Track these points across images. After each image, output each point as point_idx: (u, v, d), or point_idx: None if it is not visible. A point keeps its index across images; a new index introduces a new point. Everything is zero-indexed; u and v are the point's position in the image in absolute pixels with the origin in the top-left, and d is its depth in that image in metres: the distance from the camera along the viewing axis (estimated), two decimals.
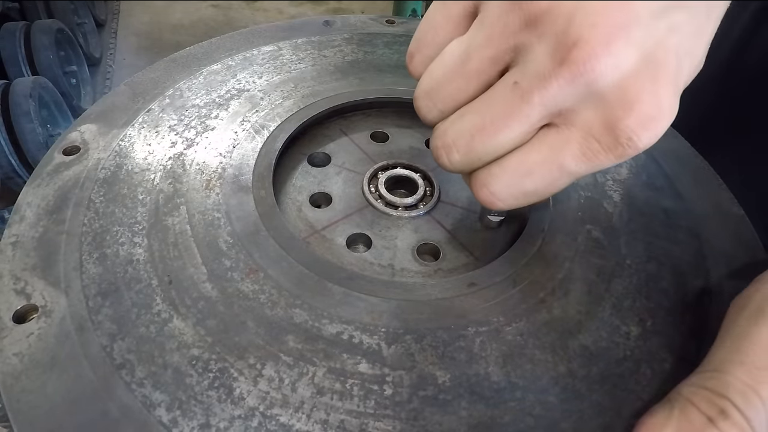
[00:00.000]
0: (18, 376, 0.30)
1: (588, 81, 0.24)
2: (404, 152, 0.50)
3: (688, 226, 0.43)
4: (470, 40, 0.28)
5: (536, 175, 0.28)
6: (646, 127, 0.25)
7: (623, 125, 0.25)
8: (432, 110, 0.31)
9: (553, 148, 0.27)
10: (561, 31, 0.24)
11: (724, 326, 0.29)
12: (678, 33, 0.25)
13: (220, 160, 0.44)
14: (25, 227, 0.38)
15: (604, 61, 0.24)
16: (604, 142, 0.26)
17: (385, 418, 0.30)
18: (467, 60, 0.28)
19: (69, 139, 0.44)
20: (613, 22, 0.23)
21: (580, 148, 0.26)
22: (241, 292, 0.35)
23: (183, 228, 0.38)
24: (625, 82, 0.24)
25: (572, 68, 0.24)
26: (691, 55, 0.26)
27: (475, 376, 0.32)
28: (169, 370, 0.31)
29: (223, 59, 0.55)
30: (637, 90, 0.24)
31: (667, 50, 0.24)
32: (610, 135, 0.25)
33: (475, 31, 0.28)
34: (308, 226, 0.43)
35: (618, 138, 0.25)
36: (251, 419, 0.29)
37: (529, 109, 0.26)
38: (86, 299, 0.34)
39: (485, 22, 0.27)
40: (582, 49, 0.24)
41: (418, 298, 0.36)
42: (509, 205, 0.31)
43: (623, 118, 0.25)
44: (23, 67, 1.80)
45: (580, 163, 0.27)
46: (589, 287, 0.37)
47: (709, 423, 0.25)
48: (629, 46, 0.24)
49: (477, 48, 0.28)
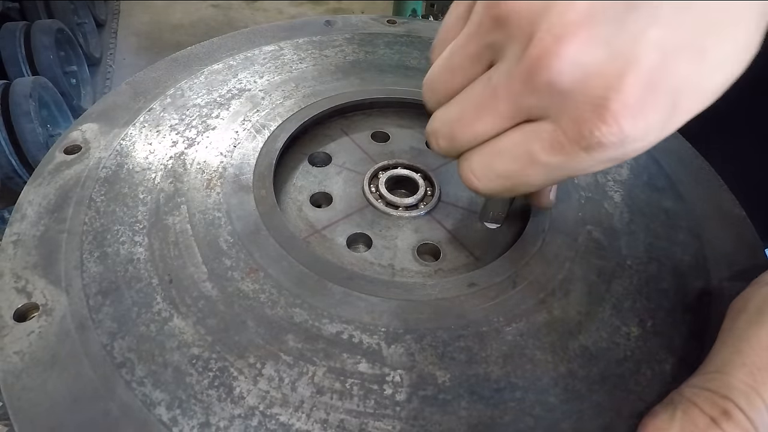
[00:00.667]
0: (19, 374, 0.30)
1: (546, 79, 0.24)
2: (405, 152, 0.50)
3: (689, 226, 0.43)
4: (458, 37, 0.30)
5: (505, 156, 0.29)
6: (606, 123, 0.24)
7: (587, 118, 0.24)
8: (430, 99, 0.33)
9: (525, 135, 0.28)
10: (524, 29, 0.25)
11: (724, 328, 0.29)
12: (661, 24, 0.23)
13: (221, 160, 0.44)
14: (26, 226, 0.38)
15: (560, 58, 0.24)
16: (570, 135, 0.25)
17: (385, 418, 0.30)
18: (451, 56, 0.30)
19: (70, 138, 0.44)
20: (572, 19, 0.23)
21: (549, 139, 0.26)
22: (242, 291, 0.35)
23: (184, 227, 0.38)
24: (589, 79, 0.24)
25: (530, 66, 0.25)
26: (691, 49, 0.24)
27: (474, 376, 0.32)
28: (169, 369, 0.31)
29: (224, 59, 0.55)
30: (601, 86, 0.24)
31: (644, 45, 0.23)
32: (575, 128, 0.25)
33: (463, 30, 0.30)
34: (309, 226, 0.43)
35: (581, 131, 0.25)
36: (251, 418, 0.29)
37: (497, 102, 0.27)
38: (87, 298, 0.34)
39: (468, 22, 0.29)
40: (537, 47, 0.24)
41: (418, 298, 0.36)
42: (485, 186, 0.31)
43: (587, 113, 0.24)
44: (23, 67, 1.80)
45: (549, 154, 0.27)
46: (589, 288, 0.37)
47: (712, 424, 0.25)
48: (591, 42, 0.23)
49: (458, 45, 0.29)
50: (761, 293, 0.28)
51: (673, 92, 0.24)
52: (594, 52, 0.24)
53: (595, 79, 0.24)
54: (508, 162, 0.29)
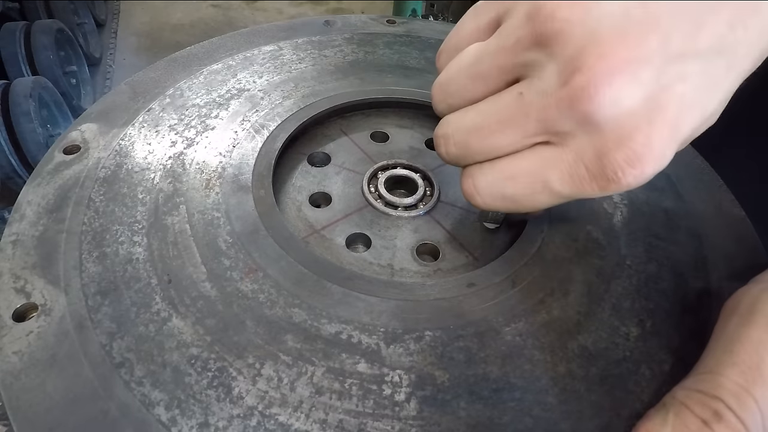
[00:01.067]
0: (17, 374, 0.30)
1: (586, 109, 0.25)
2: (404, 152, 0.50)
3: (689, 226, 0.43)
4: (486, 46, 0.29)
5: (519, 181, 0.29)
6: (632, 166, 0.25)
7: (612, 158, 0.25)
8: (442, 102, 0.32)
9: (543, 162, 0.28)
10: (570, 54, 0.25)
11: (717, 329, 0.29)
12: (687, 82, 0.25)
13: (220, 160, 0.44)
14: (25, 226, 0.38)
15: (604, 92, 0.24)
16: (591, 170, 0.26)
17: (384, 418, 0.30)
18: (477, 63, 0.29)
19: (69, 138, 0.44)
20: (623, 57, 0.24)
21: (568, 170, 0.27)
22: (240, 291, 0.35)
23: (182, 227, 0.38)
24: (622, 118, 0.25)
25: (572, 93, 0.25)
26: (699, 107, 0.26)
27: (473, 376, 0.32)
28: (168, 369, 0.31)
29: (223, 59, 0.55)
30: (632, 128, 0.25)
31: (672, 97, 0.25)
32: (598, 164, 0.26)
33: (492, 39, 0.29)
34: (308, 226, 0.43)
35: (604, 169, 0.26)
36: (250, 418, 0.29)
37: (526, 121, 0.27)
38: (86, 298, 0.34)
39: (502, 33, 0.28)
40: (585, 76, 0.24)
41: (417, 298, 0.36)
42: (487, 204, 0.32)
43: (613, 152, 0.25)
44: (23, 67, 1.80)
45: (564, 185, 0.28)
46: (588, 288, 0.37)
47: (703, 426, 0.25)
48: (633, 84, 0.24)
49: (488, 54, 0.29)
50: (752, 293, 0.28)
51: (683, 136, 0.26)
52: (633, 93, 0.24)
53: (627, 120, 0.25)
54: (520, 188, 0.29)
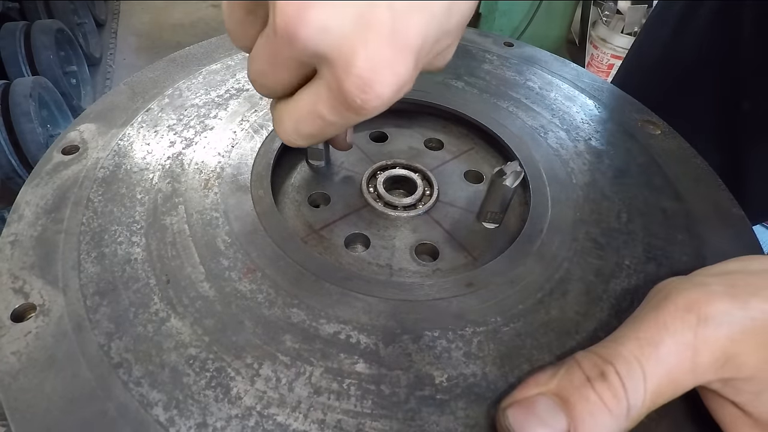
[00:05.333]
0: (16, 374, 0.30)
1: (299, 47, 0.25)
2: (403, 152, 0.50)
3: (688, 226, 0.43)
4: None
5: (306, 122, 0.30)
6: (365, 92, 0.25)
7: (347, 88, 0.25)
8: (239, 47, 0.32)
9: (312, 99, 0.28)
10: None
11: (636, 310, 0.30)
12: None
13: (219, 160, 0.44)
14: (23, 226, 0.38)
15: (305, 28, 0.24)
16: (341, 101, 0.26)
17: (382, 418, 0.30)
18: (231, 12, 0.30)
19: (68, 139, 0.44)
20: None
21: (329, 102, 0.27)
22: (239, 291, 0.35)
23: (181, 227, 0.38)
24: (340, 44, 0.25)
25: (282, 36, 0.25)
26: (419, 9, 0.25)
27: (472, 376, 0.32)
28: (166, 370, 0.31)
29: (222, 59, 0.55)
30: (351, 53, 0.25)
31: (379, 11, 0.24)
32: (341, 96, 0.26)
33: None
34: (306, 226, 0.43)
35: (347, 99, 0.26)
36: (248, 419, 0.29)
37: (281, 61, 0.28)
38: (84, 298, 0.34)
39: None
40: (280, 17, 0.24)
41: (415, 298, 0.35)
42: (301, 143, 0.32)
43: (345, 81, 0.25)
44: (23, 67, 1.80)
45: (334, 115, 0.28)
46: (587, 288, 0.37)
47: (586, 381, 0.27)
48: (331, 9, 0.24)
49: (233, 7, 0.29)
50: (673, 284, 0.29)
51: (413, 45, 0.25)
52: (337, 18, 0.24)
53: (345, 44, 0.25)
54: (310, 126, 0.30)
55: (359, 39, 0.24)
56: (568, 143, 0.49)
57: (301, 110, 0.30)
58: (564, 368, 0.28)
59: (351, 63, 0.25)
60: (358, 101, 0.26)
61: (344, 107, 0.27)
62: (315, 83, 0.28)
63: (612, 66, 2.24)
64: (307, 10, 0.24)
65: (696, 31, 0.64)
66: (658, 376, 0.26)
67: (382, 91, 0.25)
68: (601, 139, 0.50)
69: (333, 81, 0.26)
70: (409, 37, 0.25)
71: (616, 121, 0.53)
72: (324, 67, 0.26)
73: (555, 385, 0.28)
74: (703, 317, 0.27)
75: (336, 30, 0.24)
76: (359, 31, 0.24)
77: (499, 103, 0.53)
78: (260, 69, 0.29)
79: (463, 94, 0.54)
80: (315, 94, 0.28)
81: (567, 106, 0.54)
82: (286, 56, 0.27)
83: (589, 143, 0.50)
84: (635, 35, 2.13)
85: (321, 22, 0.24)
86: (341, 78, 0.25)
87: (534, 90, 0.56)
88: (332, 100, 0.27)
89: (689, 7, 0.65)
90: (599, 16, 2.32)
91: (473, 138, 0.54)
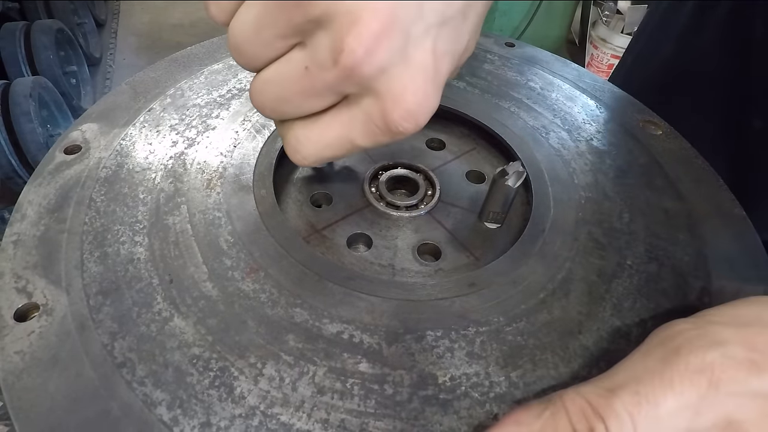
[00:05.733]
0: (19, 374, 0.30)
1: (358, 81, 0.27)
2: (405, 152, 0.50)
3: (689, 226, 0.43)
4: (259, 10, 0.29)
5: (334, 147, 0.32)
6: (408, 121, 0.29)
7: (392, 118, 0.28)
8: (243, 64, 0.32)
9: (345, 126, 0.31)
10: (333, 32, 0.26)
11: (639, 350, 0.29)
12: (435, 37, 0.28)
13: (221, 160, 0.44)
14: (26, 226, 0.38)
15: (368, 65, 0.27)
16: (380, 128, 0.29)
17: (386, 418, 0.30)
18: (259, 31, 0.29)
19: (70, 138, 0.44)
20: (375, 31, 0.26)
21: (364, 130, 0.30)
22: (242, 291, 0.35)
23: (184, 227, 0.38)
24: (391, 81, 0.28)
25: (343, 70, 0.27)
26: (450, 54, 0.30)
27: (475, 376, 0.32)
28: (169, 369, 0.31)
29: (224, 59, 0.55)
30: (401, 87, 0.28)
31: (426, 52, 0.28)
32: (384, 123, 0.29)
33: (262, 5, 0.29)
34: (309, 226, 0.43)
35: (389, 126, 0.29)
36: (252, 418, 0.29)
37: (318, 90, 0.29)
38: (87, 298, 0.34)
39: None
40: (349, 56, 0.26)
41: (418, 298, 0.36)
42: (313, 164, 0.34)
43: (392, 112, 0.28)
44: (23, 67, 1.80)
45: (366, 140, 0.31)
46: (589, 288, 0.37)
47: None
48: (391, 51, 0.27)
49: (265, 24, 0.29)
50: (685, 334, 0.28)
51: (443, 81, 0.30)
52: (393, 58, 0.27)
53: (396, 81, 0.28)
54: (336, 151, 0.32)
55: (409, 78, 0.28)
56: (569, 143, 0.49)
57: (329, 136, 0.31)
58: (549, 411, 0.27)
59: (401, 98, 0.28)
60: (401, 128, 0.29)
61: (383, 134, 0.30)
62: (348, 110, 0.30)
63: (612, 66, 2.25)
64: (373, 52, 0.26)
65: (703, 44, 0.62)
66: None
67: (422, 120, 0.29)
68: (603, 139, 0.50)
69: (377, 111, 0.29)
70: (443, 75, 0.30)
71: (617, 121, 0.53)
72: (367, 97, 0.29)
73: (537, 430, 0.26)
74: (715, 383, 0.25)
75: (391, 69, 0.27)
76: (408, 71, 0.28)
77: (500, 104, 0.53)
78: (282, 95, 0.30)
79: (465, 94, 0.54)
80: (348, 121, 0.30)
81: (568, 107, 0.54)
82: (330, 87, 0.29)
83: (590, 143, 0.50)
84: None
85: (382, 62, 0.27)
86: (389, 110, 0.28)
87: (535, 90, 0.56)
88: (370, 127, 0.30)
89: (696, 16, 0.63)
90: (599, 16, 2.33)
91: (475, 138, 0.54)
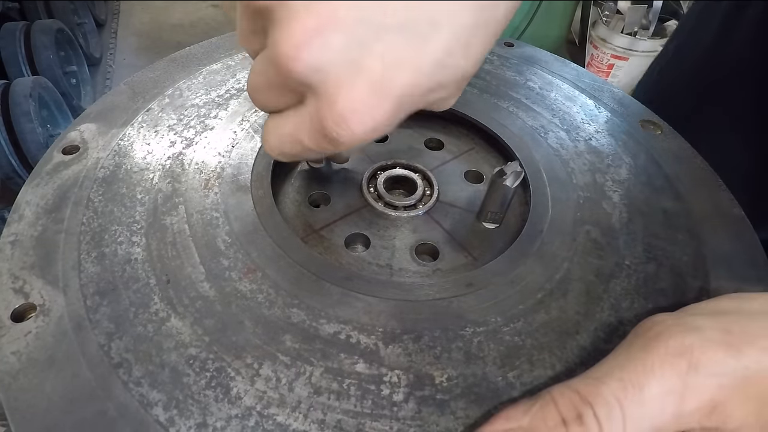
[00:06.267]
0: (16, 374, 0.30)
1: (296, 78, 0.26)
2: (403, 152, 0.50)
3: (688, 226, 0.43)
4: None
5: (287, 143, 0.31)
6: (340, 127, 0.27)
7: (326, 122, 0.27)
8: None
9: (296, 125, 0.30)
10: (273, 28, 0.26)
11: (622, 344, 0.29)
12: (389, 44, 0.26)
13: (219, 160, 0.44)
14: (24, 226, 0.38)
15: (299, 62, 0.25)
16: (319, 131, 0.28)
17: (382, 418, 0.30)
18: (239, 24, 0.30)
19: (68, 139, 0.44)
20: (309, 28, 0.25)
21: (308, 130, 0.29)
22: (239, 291, 0.35)
23: (181, 227, 0.38)
24: (327, 82, 0.26)
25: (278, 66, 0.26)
26: (412, 66, 0.26)
27: (472, 376, 0.32)
28: (166, 370, 0.31)
29: (222, 59, 0.55)
30: (335, 89, 0.26)
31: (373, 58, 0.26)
32: (321, 126, 0.28)
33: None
34: (306, 226, 0.43)
35: (325, 131, 0.27)
36: (248, 419, 0.29)
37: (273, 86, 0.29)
38: (84, 298, 0.34)
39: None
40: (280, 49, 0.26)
41: (416, 298, 0.35)
42: (283, 160, 0.34)
43: (326, 115, 0.27)
44: (23, 67, 1.80)
45: (312, 143, 0.29)
46: (587, 288, 0.37)
47: (561, 424, 0.26)
48: (328, 50, 0.25)
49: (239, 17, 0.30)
50: (665, 323, 0.28)
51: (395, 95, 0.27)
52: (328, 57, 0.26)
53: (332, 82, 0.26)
54: (289, 147, 0.31)
55: (347, 81, 0.26)
56: (568, 143, 0.49)
57: (284, 131, 0.31)
58: (538, 404, 0.27)
59: (335, 100, 0.26)
60: (333, 134, 0.27)
61: (321, 137, 0.28)
62: (300, 110, 0.29)
63: (612, 66, 2.24)
64: (303, 49, 0.25)
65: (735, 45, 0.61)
66: (638, 421, 0.25)
67: (356, 129, 0.27)
68: (602, 139, 0.50)
69: (315, 112, 0.28)
70: (393, 87, 0.27)
71: (616, 121, 0.53)
72: (311, 97, 0.28)
73: (527, 423, 0.26)
74: (695, 364, 0.26)
75: (328, 70, 0.26)
76: (349, 74, 0.26)
77: (499, 103, 0.53)
78: (256, 85, 0.30)
79: (464, 94, 0.54)
80: (299, 119, 0.30)
81: (567, 107, 0.54)
82: (279, 82, 0.28)
83: (589, 143, 0.50)
84: (635, 35, 2.14)
85: (315, 61, 0.25)
86: (323, 111, 0.27)
87: (534, 90, 0.56)
88: (312, 129, 0.29)
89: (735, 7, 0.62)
90: (599, 16, 2.32)
91: (473, 138, 0.54)
